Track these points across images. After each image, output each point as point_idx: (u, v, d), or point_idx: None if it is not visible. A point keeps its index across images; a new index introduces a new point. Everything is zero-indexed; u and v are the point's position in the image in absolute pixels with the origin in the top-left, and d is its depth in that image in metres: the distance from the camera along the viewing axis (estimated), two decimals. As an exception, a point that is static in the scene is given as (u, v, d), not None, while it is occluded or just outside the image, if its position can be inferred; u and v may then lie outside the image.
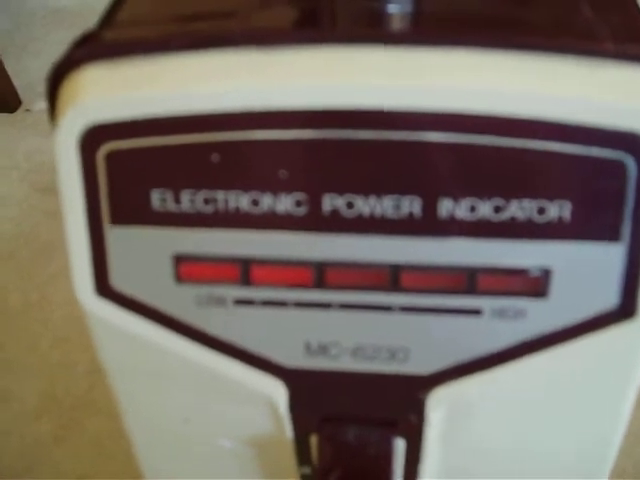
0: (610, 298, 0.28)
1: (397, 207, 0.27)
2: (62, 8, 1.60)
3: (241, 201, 0.27)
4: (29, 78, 1.44)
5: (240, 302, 0.29)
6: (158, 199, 0.27)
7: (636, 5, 0.29)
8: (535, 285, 0.28)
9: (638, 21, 0.27)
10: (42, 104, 1.39)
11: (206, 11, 0.29)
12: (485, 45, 0.25)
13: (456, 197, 0.26)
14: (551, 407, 0.32)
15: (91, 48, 0.27)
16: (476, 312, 0.28)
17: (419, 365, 0.30)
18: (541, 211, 0.26)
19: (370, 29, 0.27)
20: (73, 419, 0.97)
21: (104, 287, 0.29)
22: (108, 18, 0.30)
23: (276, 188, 0.27)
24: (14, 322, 1.09)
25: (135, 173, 0.27)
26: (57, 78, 0.28)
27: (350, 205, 0.27)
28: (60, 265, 1.14)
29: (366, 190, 0.26)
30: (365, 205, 0.27)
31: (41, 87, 1.22)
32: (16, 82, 1.39)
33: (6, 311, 1.10)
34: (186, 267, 0.28)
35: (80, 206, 0.28)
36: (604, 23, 0.26)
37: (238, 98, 0.25)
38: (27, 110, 1.39)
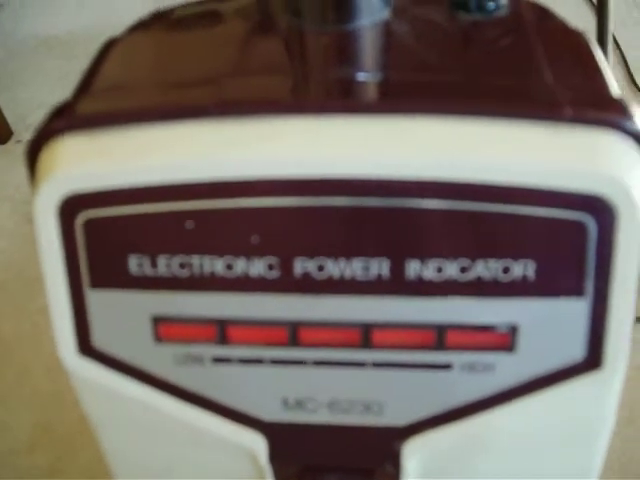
0: (576, 350, 0.29)
1: (366, 269, 0.27)
2: (53, 38, 1.61)
3: (216, 265, 0.28)
4: (20, 109, 1.45)
5: (218, 360, 0.30)
6: (135, 264, 0.28)
7: (597, 67, 0.30)
8: (502, 340, 0.29)
9: (598, 84, 0.28)
10: (33, 135, 1.40)
11: (180, 78, 0.30)
12: (449, 113, 0.26)
13: (423, 259, 0.27)
14: (523, 452, 0.33)
15: (68, 119, 0.28)
16: (446, 367, 0.29)
17: (393, 417, 0.31)
18: (506, 270, 0.27)
19: (339, 100, 0.27)
20: (66, 450, 0.98)
21: (86, 347, 0.30)
22: (85, 85, 0.31)
23: (249, 253, 0.27)
24: (6, 352, 1.09)
25: (112, 239, 0.28)
26: (35, 148, 0.29)
27: (321, 268, 0.28)
28: (52, 296, 1.14)
29: (336, 253, 0.27)
30: (335, 267, 0.28)
31: (32, 118, 1.22)
32: (7, 113, 1.40)
33: (-2, 341, 1.11)
34: (164, 328, 0.29)
35: (60, 270, 0.29)
36: (565, 88, 0.27)
37: (211, 168, 0.26)
38: (18, 141, 1.39)
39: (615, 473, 0.80)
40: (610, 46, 0.53)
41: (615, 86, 0.28)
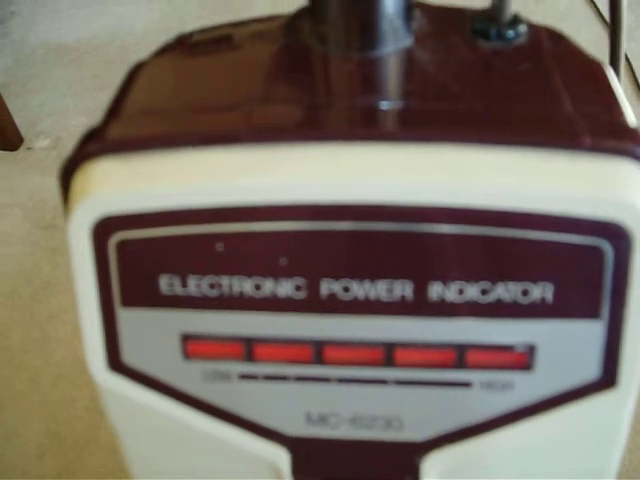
0: (592, 370, 0.30)
1: (390, 290, 0.28)
2: (62, 46, 1.62)
3: (244, 286, 0.29)
4: (30, 116, 1.46)
5: (244, 377, 0.31)
6: (166, 284, 0.29)
7: (614, 96, 0.30)
8: (521, 360, 0.29)
9: (615, 113, 0.29)
10: (43, 142, 1.41)
11: (207, 103, 0.31)
12: (470, 141, 0.27)
13: (445, 281, 0.28)
14: (539, 464, 0.34)
15: (100, 144, 0.29)
16: (466, 385, 0.30)
17: (413, 433, 0.32)
18: (525, 293, 0.28)
19: (364, 127, 0.28)
20: (75, 456, 0.98)
21: (116, 363, 0.31)
22: (114, 108, 0.32)
23: (277, 274, 0.28)
24: (16, 359, 1.10)
25: (144, 260, 0.29)
26: (68, 171, 0.29)
27: (346, 289, 0.29)
28: (61, 303, 1.16)
29: (361, 275, 0.28)
30: (360, 289, 0.29)
31: (42, 125, 1.23)
32: (17, 120, 1.41)
33: (8, 348, 1.11)
34: (193, 345, 0.30)
35: (93, 289, 0.30)
36: (583, 117, 0.28)
37: (240, 192, 0.27)
38: (29, 148, 1.41)
39: (622, 475, 0.83)
40: (622, 61, 0.54)
41: (631, 115, 0.29)
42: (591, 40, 1.47)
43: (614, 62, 0.51)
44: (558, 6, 1.61)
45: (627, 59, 1.39)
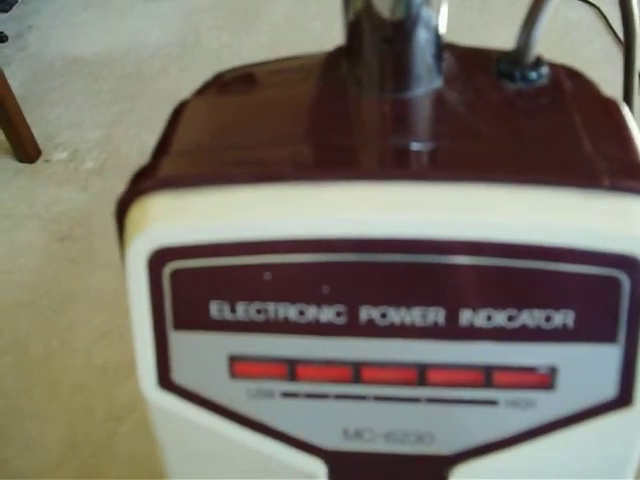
0: (609, 390, 0.32)
1: (424, 316, 0.31)
2: (79, 59, 1.65)
3: (289, 311, 0.31)
4: (48, 128, 1.49)
5: (286, 395, 0.33)
6: (216, 309, 0.32)
7: (630, 135, 0.33)
8: (543, 380, 0.32)
9: (631, 153, 0.32)
10: (61, 155, 1.44)
11: (252, 141, 0.33)
12: (499, 181, 0.30)
13: (475, 308, 0.31)
14: (560, 477, 0.36)
15: (154, 181, 0.32)
16: (492, 403, 0.33)
17: (443, 447, 0.34)
18: (548, 319, 0.31)
19: (399, 168, 0.31)
20: (94, 466, 1.01)
21: (166, 381, 0.34)
22: (163, 146, 0.34)
23: (320, 301, 0.31)
24: (35, 370, 1.12)
25: (196, 287, 0.31)
26: (124, 206, 0.32)
27: (383, 315, 0.31)
28: (80, 313, 1.18)
29: (397, 302, 0.31)
30: (396, 315, 0.31)
31: (60, 138, 1.25)
32: (35, 132, 1.44)
33: (28, 359, 1.14)
34: (240, 366, 0.33)
35: (147, 313, 0.32)
36: (601, 157, 0.31)
37: (286, 227, 0.30)
38: (46, 160, 1.43)
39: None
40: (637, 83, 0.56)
41: (646, 153, 0.32)
42: (602, 51, 1.50)
43: (628, 80, 0.53)
44: (570, 18, 1.63)
45: None
